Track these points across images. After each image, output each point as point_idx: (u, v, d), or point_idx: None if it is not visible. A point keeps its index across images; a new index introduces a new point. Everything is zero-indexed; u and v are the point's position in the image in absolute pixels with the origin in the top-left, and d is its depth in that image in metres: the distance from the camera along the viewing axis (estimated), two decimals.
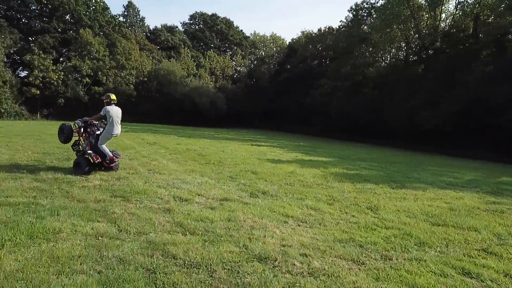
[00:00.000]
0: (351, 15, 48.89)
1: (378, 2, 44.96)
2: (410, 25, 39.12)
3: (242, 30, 70.19)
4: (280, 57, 64.93)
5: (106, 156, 8.69)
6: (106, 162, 8.71)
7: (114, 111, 8.85)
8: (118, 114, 9.01)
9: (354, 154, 19.35)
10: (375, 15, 43.78)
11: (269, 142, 24.13)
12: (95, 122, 9.01)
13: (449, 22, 36.62)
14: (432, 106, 29.12)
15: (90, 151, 8.61)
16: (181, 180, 8.40)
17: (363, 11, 48.13)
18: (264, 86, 60.51)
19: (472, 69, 28.70)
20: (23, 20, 48.67)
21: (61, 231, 4.43)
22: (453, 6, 40.43)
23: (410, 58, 39.85)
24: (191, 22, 68.50)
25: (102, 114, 8.82)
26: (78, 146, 9.05)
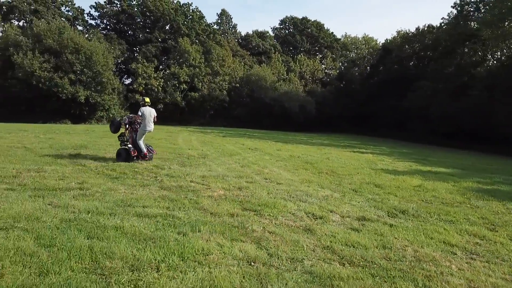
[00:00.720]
0: (455, 11, 44.78)
1: None
2: None
3: (333, 33, 68.62)
4: (372, 59, 62.24)
5: (141, 151, 10.40)
6: (141, 156, 10.41)
7: (147, 111, 10.47)
8: (150, 114, 10.55)
9: (473, 164, 17.22)
10: (484, 10, 39.49)
11: (369, 149, 22.70)
12: (138, 120, 10.50)
13: None
14: None
15: (131, 146, 10.41)
16: (302, 192, 7.80)
17: (469, 6, 43.77)
18: (355, 89, 58.26)
19: None
20: (129, 32, 52.91)
21: (210, 253, 4.04)
22: None
23: None
24: (281, 26, 68.77)
25: (139, 114, 10.42)
26: (123, 137, 10.78)
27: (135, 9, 50.86)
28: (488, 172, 14.15)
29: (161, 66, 50.87)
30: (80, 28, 49.10)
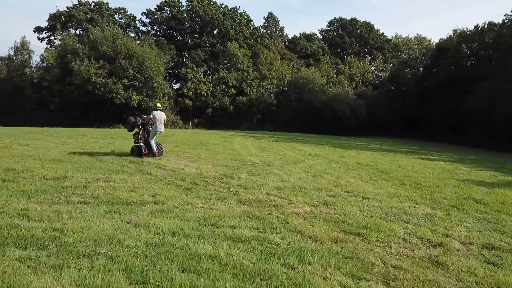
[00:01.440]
0: None
1: None
2: None
3: (383, 33, 66.11)
4: (426, 59, 59.18)
5: (152, 149, 11.64)
6: (151, 154, 11.61)
7: (158, 115, 11.77)
8: (161, 117, 11.87)
9: None
10: None
11: (435, 155, 20.98)
12: (150, 122, 11.77)
13: None
14: None
15: (142, 144, 11.73)
16: (398, 209, 6.78)
17: None
18: (407, 92, 55.58)
19: None
20: (178, 37, 53.68)
21: None
22: None
23: None
24: (329, 28, 67.22)
25: (151, 117, 11.74)
26: (137, 136, 12.08)
27: (185, 14, 51.49)
28: None
29: (208, 71, 51.06)
30: (132, 34, 50.44)
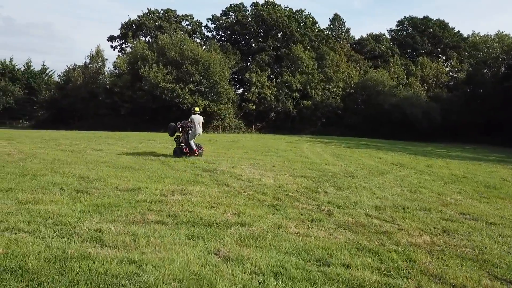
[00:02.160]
0: None
1: None
2: None
3: (459, 31, 61.34)
4: (508, 58, 53.77)
5: (192, 148, 12.52)
6: (191, 153, 12.53)
7: (197, 118, 12.72)
8: (199, 120, 12.85)
9: None
10: None
11: None
12: (189, 125, 12.64)
13: None
14: None
15: (183, 144, 12.61)
16: None
17: None
18: (487, 93, 50.72)
19: None
20: (242, 42, 53.67)
21: None
22: None
23: None
24: (399, 28, 63.71)
25: (189, 120, 12.68)
26: (178, 138, 12.88)
27: (249, 19, 51.36)
28: None
29: (271, 75, 50.31)
30: (198, 40, 51.23)
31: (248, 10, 53.06)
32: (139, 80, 38.08)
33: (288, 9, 52.77)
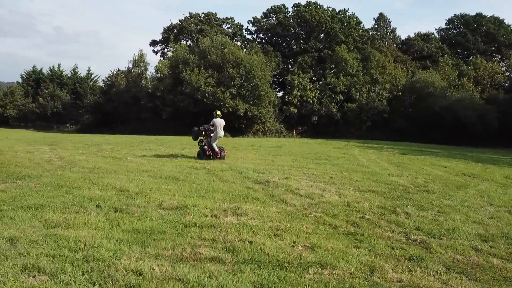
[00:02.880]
0: None
1: None
2: None
3: None
4: None
5: (214, 150, 12.77)
6: (214, 155, 12.75)
7: (218, 122, 12.90)
8: (220, 124, 12.97)
9: None
10: None
11: None
12: (212, 128, 12.86)
13: None
14: None
15: (206, 147, 12.85)
16: None
17: None
18: None
19: None
20: (283, 44, 52.48)
21: None
22: None
23: None
24: (449, 26, 60.20)
25: (211, 123, 12.92)
26: (201, 142, 13.17)
27: (291, 20, 50.13)
28: None
29: (313, 78, 48.68)
30: (238, 43, 50.57)
31: (289, 11, 51.90)
32: (181, 84, 37.80)
33: (331, 9, 51.12)
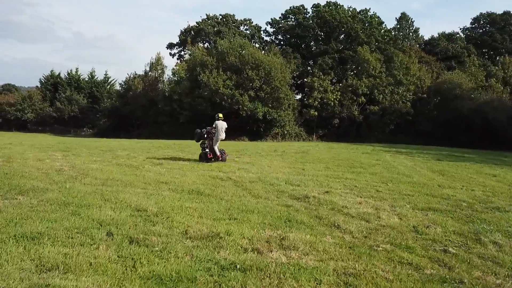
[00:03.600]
0: None
1: None
2: None
3: None
4: None
5: (215, 153, 13.08)
6: (215, 158, 13.06)
7: (220, 124, 13.10)
8: (222, 126, 13.21)
9: None
10: None
11: None
12: (213, 131, 13.03)
13: None
14: None
15: (207, 150, 13.14)
16: None
17: None
18: None
19: None
20: (303, 45, 51.11)
21: None
22: None
23: None
24: (474, 25, 57.94)
25: (213, 126, 13.12)
26: (204, 144, 13.27)
27: (310, 21, 48.77)
28: None
29: (333, 80, 47.10)
30: (256, 45, 49.43)
31: (309, 12, 50.52)
32: (198, 86, 36.83)
33: (351, 9, 49.51)
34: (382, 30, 49.67)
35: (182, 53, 50.53)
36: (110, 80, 59.62)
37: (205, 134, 13.14)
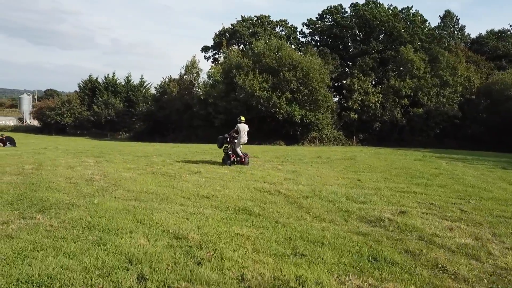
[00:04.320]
0: None
1: None
2: None
3: None
4: None
5: (238, 155, 13.22)
6: (237, 160, 13.19)
7: (242, 127, 13.42)
8: (244, 129, 13.49)
9: None
10: None
11: None
12: (235, 135, 13.37)
13: None
14: None
15: (230, 152, 13.25)
16: None
17: None
18: None
19: None
20: (340, 46, 49.20)
21: None
22: None
23: None
24: None
25: (236, 129, 13.52)
26: (227, 149, 13.49)
27: (348, 21, 46.84)
28: None
29: (372, 81, 44.88)
30: (292, 46, 48.04)
31: (347, 11, 48.58)
32: (234, 90, 35.84)
33: (392, 7, 47.15)
34: (426, 29, 47.01)
35: (217, 56, 49.91)
36: (145, 84, 59.94)
37: (227, 139, 13.42)
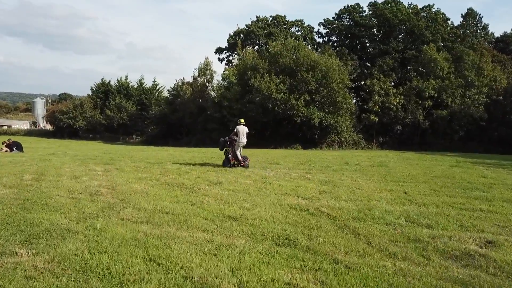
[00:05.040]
0: None
1: None
2: None
3: None
4: None
5: (238, 158, 13.30)
6: (237, 162, 13.33)
7: (241, 129, 13.45)
8: (243, 131, 13.48)
9: None
10: None
11: None
12: (236, 138, 13.36)
13: None
14: None
15: (230, 155, 13.47)
16: None
17: None
18: None
19: None
20: (359, 46, 47.60)
21: None
22: None
23: None
24: None
25: (235, 131, 13.52)
26: (227, 152, 13.63)
27: (367, 20, 45.19)
28: None
29: (393, 82, 43.12)
30: (309, 47, 46.57)
31: (365, 11, 46.97)
32: (249, 92, 34.54)
33: (412, 5, 45.35)
34: (448, 28, 45.12)
35: (231, 57, 48.70)
36: (158, 87, 59.08)
37: (228, 142, 13.57)
